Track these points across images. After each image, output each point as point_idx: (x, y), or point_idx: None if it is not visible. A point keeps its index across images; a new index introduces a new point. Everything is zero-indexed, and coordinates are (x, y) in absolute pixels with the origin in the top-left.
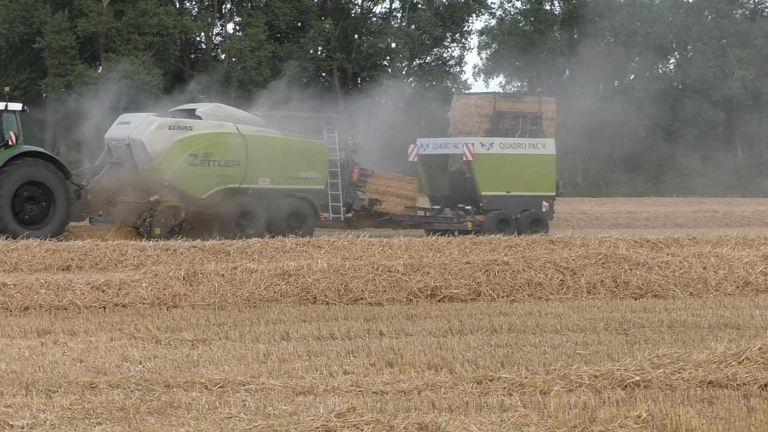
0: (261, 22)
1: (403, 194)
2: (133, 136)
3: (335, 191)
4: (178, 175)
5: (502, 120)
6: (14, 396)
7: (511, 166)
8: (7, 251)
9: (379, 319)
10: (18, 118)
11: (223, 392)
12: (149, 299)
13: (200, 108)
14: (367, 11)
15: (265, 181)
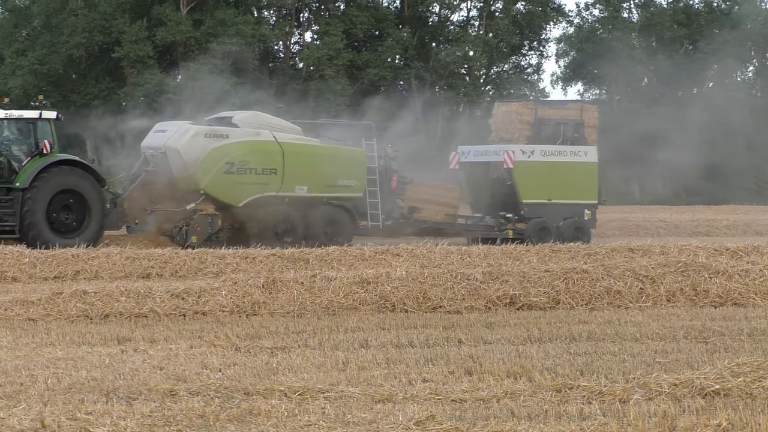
0: (339, 31)
1: (445, 202)
2: (169, 145)
3: (374, 199)
4: (214, 183)
5: (544, 127)
6: (95, 403)
7: (552, 173)
8: (87, 259)
9: (458, 327)
10: (53, 126)
11: (302, 400)
12: (229, 307)
13: (237, 116)
14: (445, 19)
15: (302, 189)
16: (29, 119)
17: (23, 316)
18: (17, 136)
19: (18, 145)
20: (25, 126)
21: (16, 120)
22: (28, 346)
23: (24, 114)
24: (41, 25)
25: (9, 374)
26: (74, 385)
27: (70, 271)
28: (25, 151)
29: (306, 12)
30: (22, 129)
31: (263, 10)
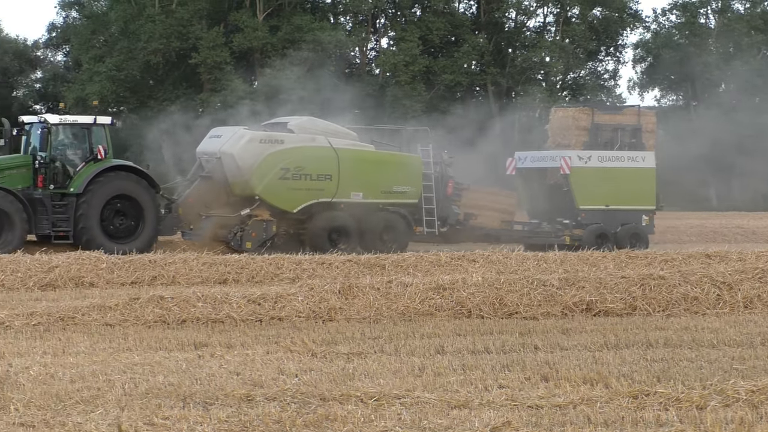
0: (415, 37)
1: (501, 208)
2: (224, 150)
3: (429, 205)
4: (269, 188)
5: (601, 133)
6: (171, 408)
7: (609, 179)
8: (164, 264)
9: (534, 333)
10: (107, 131)
11: (378, 405)
12: (305, 313)
13: (292, 121)
14: (521, 25)
15: (357, 195)
16: (84, 124)
17: (101, 321)
18: (72, 141)
19: (73, 150)
20: (80, 131)
21: (71, 125)
22: (106, 351)
23: (78, 119)
24: (119, 31)
25: (86, 379)
26: (151, 390)
27: (147, 277)
28: (79, 156)
29: (382, 18)
30: (77, 134)
31: (340, 17)
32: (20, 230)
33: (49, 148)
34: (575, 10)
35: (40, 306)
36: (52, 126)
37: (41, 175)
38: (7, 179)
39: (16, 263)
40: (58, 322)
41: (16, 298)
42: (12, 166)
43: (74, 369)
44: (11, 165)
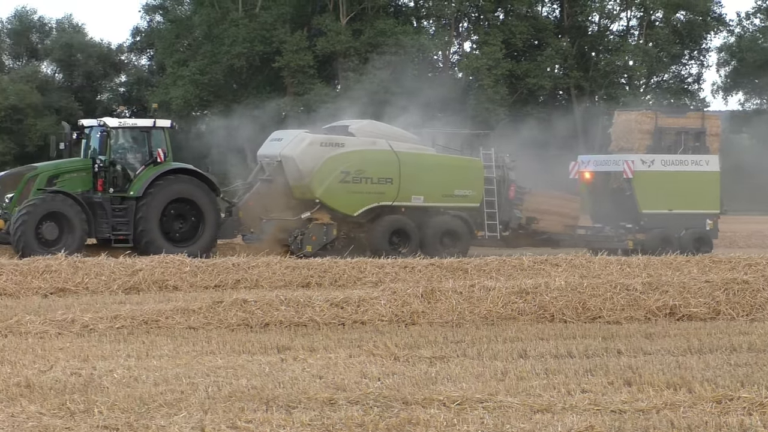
0: (498, 41)
1: (565, 212)
2: (285, 153)
3: (491, 209)
4: (329, 192)
5: (664, 136)
6: (255, 411)
7: (673, 183)
8: (248, 268)
9: (617, 337)
10: (167, 134)
11: (461, 409)
12: (387, 316)
13: (353, 125)
14: (604, 29)
15: (418, 198)
16: (143, 128)
17: (184, 324)
18: (132, 145)
19: (133, 153)
20: (140, 134)
21: (131, 128)
22: (189, 354)
23: (138, 122)
24: (202, 35)
25: (170, 382)
26: (234, 393)
27: (230, 280)
28: (139, 160)
29: (465, 22)
30: (137, 137)
31: (423, 20)
32: (80, 233)
33: (109, 151)
34: (659, 14)
35: (123, 309)
36: (112, 129)
37: (101, 178)
38: (68, 183)
39: (100, 267)
40: (141, 326)
41: (100, 301)
42: (72, 169)
43: (158, 372)
44: (71, 168)
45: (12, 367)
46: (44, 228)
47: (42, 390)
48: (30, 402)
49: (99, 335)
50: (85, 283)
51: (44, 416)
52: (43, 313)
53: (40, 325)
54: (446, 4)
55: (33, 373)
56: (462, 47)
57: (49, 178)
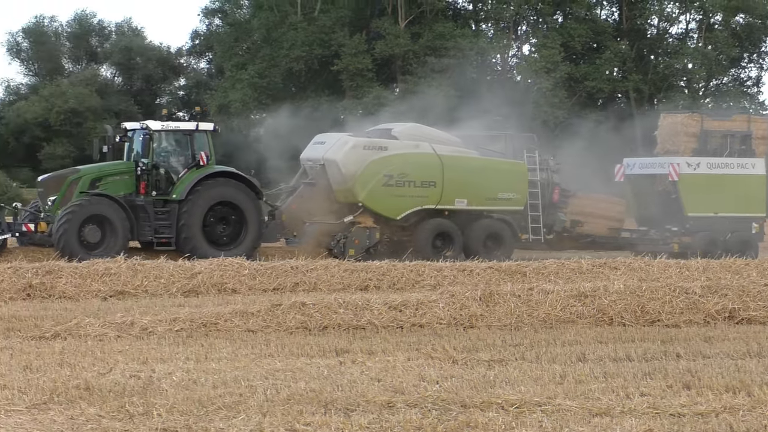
0: (556, 44)
1: (609, 215)
2: (328, 157)
3: (535, 212)
4: (372, 195)
5: (710, 139)
6: (313, 414)
7: (718, 186)
8: (306, 271)
9: (676, 341)
10: (209, 138)
11: (519, 413)
12: (446, 319)
13: (396, 128)
14: (663, 32)
15: (462, 202)
16: (186, 131)
17: (243, 327)
18: (175, 148)
19: (175, 156)
20: (183, 137)
21: (174, 131)
22: (248, 357)
23: (181, 125)
24: (261, 38)
25: (228, 385)
26: (293, 396)
27: (288, 283)
28: (182, 163)
29: (524, 25)
30: (180, 140)
31: (481, 23)
32: (122, 237)
33: (151, 154)
34: (718, 17)
35: (182, 312)
36: (154, 132)
37: (143, 181)
38: (110, 186)
39: (159, 269)
40: (200, 328)
41: (159, 304)
42: (115, 172)
43: (216, 375)
44: (114, 172)
45: (71, 370)
46: (86, 231)
47: (101, 392)
48: (89, 404)
49: (158, 338)
50: (144, 285)
51: (103, 419)
52: (103, 316)
53: (99, 327)
54: (505, 7)
55: (92, 376)
56: (521, 50)
57: (91, 181)
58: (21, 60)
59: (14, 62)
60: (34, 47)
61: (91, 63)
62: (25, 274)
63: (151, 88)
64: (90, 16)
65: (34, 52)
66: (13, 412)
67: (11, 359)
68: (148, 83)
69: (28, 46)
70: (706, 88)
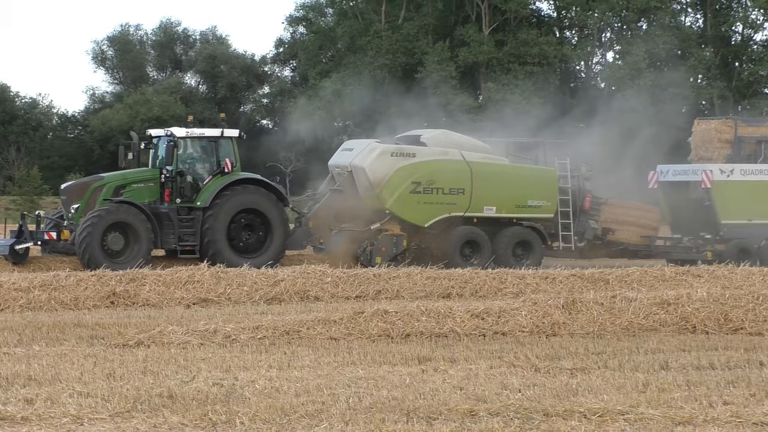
0: (641, 50)
1: (642, 223)
2: (355, 163)
3: (566, 220)
4: (400, 202)
5: (744, 145)
6: (395, 422)
7: (752, 193)
8: (388, 279)
9: (760, 349)
10: (235, 144)
11: (601, 421)
12: (528, 327)
13: (425, 134)
14: (748, 39)
15: (490, 209)
16: (211, 137)
17: (325, 335)
18: (200, 155)
19: (201, 163)
20: (208, 144)
21: (199, 138)
22: (330, 365)
23: (206, 132)
24: (345, 46)
25: (311, 393)
26: (375, 404)
27: (371, 291)
28: (207, 170)
29: (608, 32)
30: (205, 147)
31: (565, 30)
32: (146, 244)
33: (176, 161)
34: None
35: (265, 320)
36: (179, 139)
37: (168, 188)
38: (135, 193)
39: (243, 277)
40: (283, 336)
41: (242, 311)
42: (139, 179)
43: (299, 383)
44: (139, 179)
45: (155, 378)
46: (109, 238)
47: (184, 400)
48: (172, 413)
49: (241, 345)
50: (227, 293)
51: (186, 427)
52: (186, 324)
53: (182, 335)
54: (589, 14)
55: (175, 384)
56: (605, 57)
57: (115, 188)
58: (106, 68)
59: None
60: (120, 55)
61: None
62: (109, 282)
63: (236, 95)
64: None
65: (119, 60)
66: (96, 420)
67: (95, 367)
68: (232, 91)
69: (113, 55)
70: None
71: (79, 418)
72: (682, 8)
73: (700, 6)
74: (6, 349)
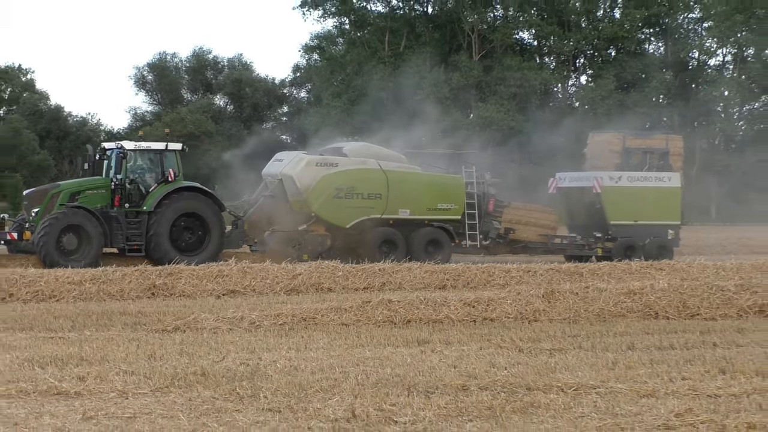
0: (610, 74)
1: (544, 224)
2: (285, 172)
3: (472, 221)
4: (324, 207)
5: (632, 156)
6: (398, 396)
7: (638, 197)
8: (392, 272)
9: (713, 332)
10: (178, 157)
11: (576, 395)
12: (513, 314)
13: (347, 146)
14: (703, 63)
15: (405, 212)
16: (157, 150)
17: (337, 321)
18: (147, 165)
19: (148, 173)
20: (154, 156)
21: (146, 151)
22: (341, 347)
23: (152, 145)
24: (353, 71)
25: (325, 371)
26: (380, 380)
27: (377, 283)
28: (153, 179)
29: (581, 58)
30: (152, 159)
31: (545, 57)
32: (97, 244)
33: (124, 171)
34: (750, 50)
35: (285, 308)
36: (128, 151)
37: (118, 195)
38: (88, 199)
39: (265, 272)
40: (300, 322)
41: (265, 301)
42: (92, 187)
43: (314, 362)
44: (92, 186)
45: (189, 358)
46: (65, 239)
47: (215, 378)
48: (205, 388)
49: (264, 331)
50: (252, 285)
51: (217, 400)
52: (216, 312)
53: (213, 322)
54: (565, 43)
55: (207, 363)
56: (578, 80)
57: (71, 195)
58: (146, 91)
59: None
60: (158, 80)
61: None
62: (150, 276)
63: (259, 114)
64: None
65: (158, 83)
66: (139, 395)
67: (138, 349)
68: (255, 110)
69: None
70: (740, 112)
71: (124, 392)
72: (646, 37)
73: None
74: (61, 334)
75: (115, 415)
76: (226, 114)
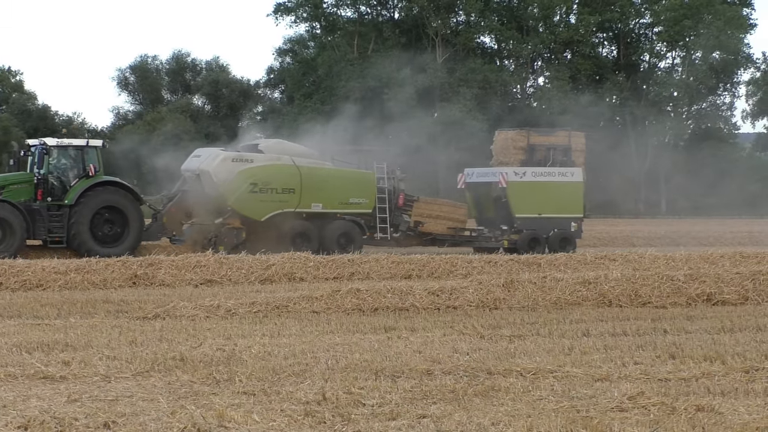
0: (566, 76)
1: (454, 217)
2: (202, 168)
3: (383, 214)
4: (239, 200)
5: (536, 152)
6: (366, 380)
7: (542, 191)
8: (360, 263)
9: (664, 319)
10: (99, 152)
11: (534, 378)
12: (475, 302)
13: (262, 143)
14: (653, 65)
15: (317, 205)
16: (78, 146)
17: (308, 309)
18: (69, 161)
19: (69, 168)
20: (75, 152)
21: (67, 147)
22: (312, 333)
23: (74, 142)
24: (324, 73)
25: (297, 356)
26: (349, 365)
27: (346, 273)
28: (75, 174)
29: (539, 61)
30: (73, 155)
31: (504, 60)
32: (20, 236)
33: (46, 166)
34: (698, 54)
35: (259, 297)
36: (51, 147)
37: (40, 189)
38: (12, 193)
39: (241, 262)
40: (274, 310)
41: (241, 290)
42: (16, 181)
43: (287, 348)
44: (15, 181)
45: (169, 344)
46: None
47: (193, 362)
48: (183, 372)
49: (240, 318)
50: (228, 275)
51: (195, 384)
52: (194, 300)
53: (191, 309)
54: (524, 46)
55: (186, 349)
56: (536, 81)
57: None
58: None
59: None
60: (139, 81)
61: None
62: (131, 266)
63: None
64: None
65: (139, 84)
66: (121, 379)
67: (120, 336)
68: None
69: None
70: (688, 112)
71: (107, 376)
72: (600, 41)
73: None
74: (48, 321)
75: (99, 397)
76: (204, 113)
